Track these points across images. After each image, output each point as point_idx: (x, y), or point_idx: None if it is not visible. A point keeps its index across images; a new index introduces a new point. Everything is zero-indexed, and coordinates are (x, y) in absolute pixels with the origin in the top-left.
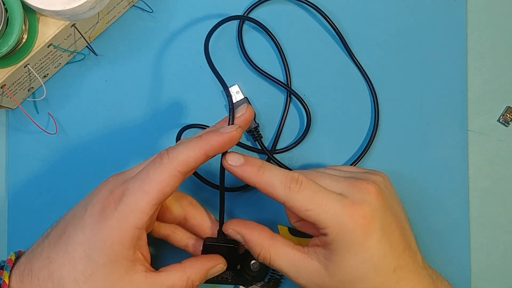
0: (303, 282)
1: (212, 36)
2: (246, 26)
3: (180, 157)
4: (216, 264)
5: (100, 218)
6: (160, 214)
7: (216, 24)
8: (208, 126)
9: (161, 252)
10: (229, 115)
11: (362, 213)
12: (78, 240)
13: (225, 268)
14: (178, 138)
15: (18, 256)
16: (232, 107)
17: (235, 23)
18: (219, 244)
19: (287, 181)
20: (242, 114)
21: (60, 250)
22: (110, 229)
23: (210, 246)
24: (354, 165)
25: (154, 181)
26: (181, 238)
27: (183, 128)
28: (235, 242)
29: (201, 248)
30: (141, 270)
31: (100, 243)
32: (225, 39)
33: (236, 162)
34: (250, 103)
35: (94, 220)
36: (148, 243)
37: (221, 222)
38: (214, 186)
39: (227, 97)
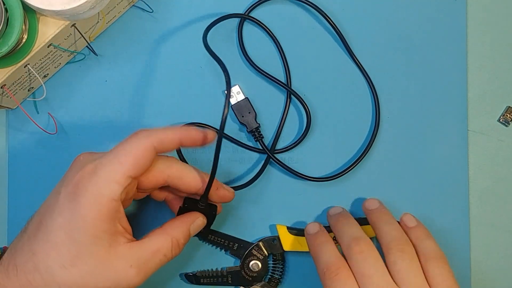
0: None
1: (213, 36)
2: (246, 26)
3: (156, 134)
4: (195, 219)
5: (75, 196)
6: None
7: (216, 20)
8: (208, 126)
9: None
10: (226, 99)
11: None
12: (58, 224)
13: (205, 222)
14: None
15: (3, 252)
16: (228, 92)
17: (235, 23)
18: (196, 206)
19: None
20: (209, 131)
21: (41, 240)
22: (88, 205)
23: (185, 209)
24: (355, 166)
25: (129, 153)
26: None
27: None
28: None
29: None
30: (124, 242)
31: (80, 221)
32: (225, 39)
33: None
34: (251, 104)
35: (70, 200)
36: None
37: (208, 189)
38: None
39: (226, 83)
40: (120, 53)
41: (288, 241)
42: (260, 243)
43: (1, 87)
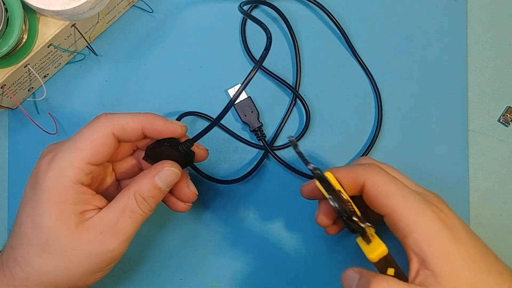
0: None
1: (214, 34)
2: (248, 25)
3: (117, 120)
4: (161, 169)
5: (36, 184)
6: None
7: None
8: (203, 114)
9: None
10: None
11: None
12: (25, 214)
13: (177, 170)
14: None
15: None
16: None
17: (237, 22)
18: (155, 144)
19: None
20: (176, 125)
21: (15, 234)
22: (47, 190)
23: (150, 151)
24: None
25: (88, 139)
26: None
27: (181, 115)
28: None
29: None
30: (93, 214)
31: (44, 206)
32: (227, 38)
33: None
34: (253, 103)
35: (32, 190)
36: None
37: (195, 139)
38: (211, 180)
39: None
40: (120, 53)
41: None
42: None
43: (1, 87)
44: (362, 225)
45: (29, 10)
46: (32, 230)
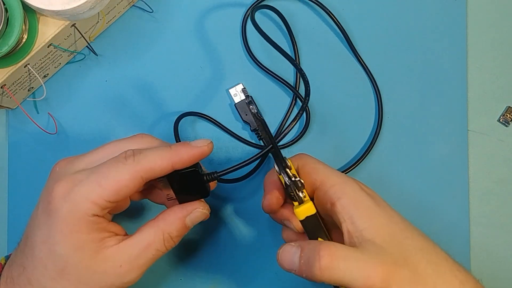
0: None
1: (216, 34)
2: (249, 24)
3: (145, 162)
4: (192, 210)
5: (51, 212)
6: None
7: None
8: (203, 114)
9: None
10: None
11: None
12: (39, 239)
13: (207, 211)
14: (175, 127)
15: (3, 266)
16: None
17: (238, 21)
18: (178, 173)
19: None
20: (202, 146)
21: (28, 255)
22: (63, 220)
23: (171, 177)
24: (356, 165)
25: (112, 179)
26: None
27: (181, 115)
28: (195, 165)
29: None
30: (113, 244)
31: (58, 235)
32: (228, 37)
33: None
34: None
35: (46, 216)
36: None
37: (224, 172)
38: None
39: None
40: (120, 53)
41: None
42: None
43: (1, 87)
44: (295, 179)
45: (29, 10)
46: (48, 256)
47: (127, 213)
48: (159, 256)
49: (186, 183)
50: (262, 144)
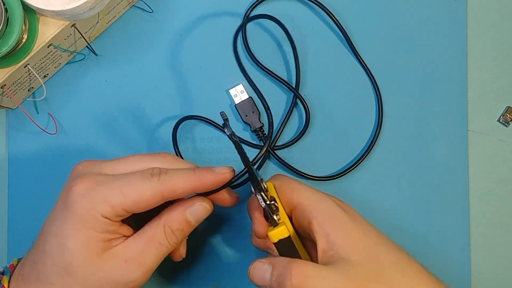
0: None
1: (216, 34)
2: (249, 25)
3: (170, 184)
4: (193, 203)
5: (68, 206)
6: None
7: (242, 23)
8: (205, 118)
9: None
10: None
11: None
12: (52, 232)
13: (208, 206)
14: (174, 132)
15: (14, 267)
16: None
17: (238, 20)
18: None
19: None
20: (225, 173)
21: (40, 249)
22: (78, 215)
23: None
24: (356, 166)
25: (135, 191)
26: None
27: (181, 119)
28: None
29: None
30: (120, 242)
31: (70, 230)
32: (229, 37)
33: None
34: (254, 103)
35: (62, 210)
36: None
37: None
38: None
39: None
40: (120, 53)
41: None
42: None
43: (1, 87)
44: (269, 202)
45: (29, 10)
46: (57, 250)
47: None
48: (162, 252)
49: None
50: (262, 144)
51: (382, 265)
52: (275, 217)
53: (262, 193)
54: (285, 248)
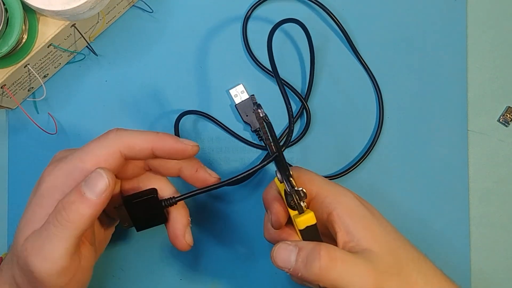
0: None
1: (217, 34)
2: (250, 25)
3: (126, 139)
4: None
5: (36, 189)
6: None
7: (274, 25)
8: (204, 113)
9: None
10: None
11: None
12: (23, 220)
13: (108, 177)
14: (176, 125)
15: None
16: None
17: (239, 20)
18: (136, 199)
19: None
20: (188, 145)
21: (14, 240)
22: (45, 189)
23: (128, 203)
24: (357, 166)
25: (92, 153)
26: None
27: (181, 114)
28: (153, 191)
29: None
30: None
31: (36, 207)
32: (229, 37)
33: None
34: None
35: (32, 194)
36: None
37: (182, 197)
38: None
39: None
40: (120, 53)
41: None
42: None
43: (1, 87)
44: (297, 188)
45: (29, 10)
46: (22, 235)
47: None
48: (63, 238)
49: (144, 209)
50: (263, 144)
51: (401, 260)
52: (302, 203)
53: (292, 179)
54: (311, 235)
